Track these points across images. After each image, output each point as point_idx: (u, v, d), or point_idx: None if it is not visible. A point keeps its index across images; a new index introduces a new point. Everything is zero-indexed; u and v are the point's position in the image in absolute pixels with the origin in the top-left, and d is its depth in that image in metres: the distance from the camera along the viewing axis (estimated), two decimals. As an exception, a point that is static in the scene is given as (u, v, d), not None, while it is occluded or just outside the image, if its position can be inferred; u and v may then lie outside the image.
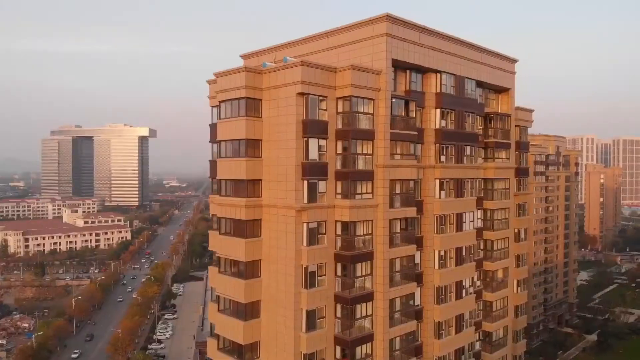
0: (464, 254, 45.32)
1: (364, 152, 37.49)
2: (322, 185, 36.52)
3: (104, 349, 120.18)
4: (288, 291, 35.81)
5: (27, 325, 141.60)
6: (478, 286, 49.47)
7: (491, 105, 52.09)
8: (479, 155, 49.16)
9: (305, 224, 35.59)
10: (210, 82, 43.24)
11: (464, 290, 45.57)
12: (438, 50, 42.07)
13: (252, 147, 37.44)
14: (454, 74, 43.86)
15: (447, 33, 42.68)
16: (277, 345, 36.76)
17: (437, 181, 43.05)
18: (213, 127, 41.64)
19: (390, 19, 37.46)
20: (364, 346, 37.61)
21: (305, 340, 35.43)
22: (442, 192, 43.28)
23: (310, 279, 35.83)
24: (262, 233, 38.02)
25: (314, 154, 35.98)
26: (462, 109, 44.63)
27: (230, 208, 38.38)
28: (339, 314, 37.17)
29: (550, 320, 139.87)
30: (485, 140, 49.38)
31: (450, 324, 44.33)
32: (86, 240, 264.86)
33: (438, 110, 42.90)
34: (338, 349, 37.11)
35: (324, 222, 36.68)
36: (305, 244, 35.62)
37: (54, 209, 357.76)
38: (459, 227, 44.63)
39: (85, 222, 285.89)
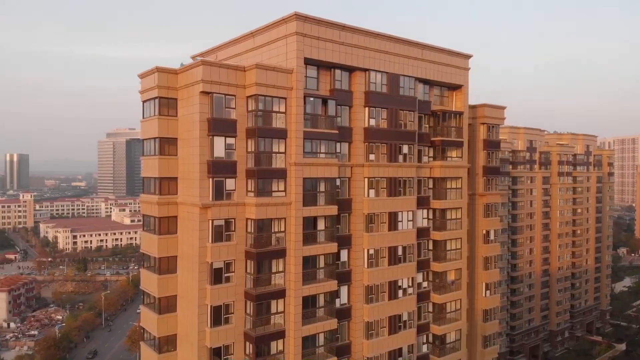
0: (399, 253, 44.56)
1: (277, 150, 37.74)
2: (230, 183, 37.05)
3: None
4: (194, 287, 36.64)
5: (60, 317, 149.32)
6: (424, 287, 48.39)
7: (446, 103, 50.84)
8: (425, 154, 48.16)
9: (210, 221, 36.25)
10: (141, 84, 44.70)
11: (400, 291, 44.80)
12: (364, 49, 41.64)
13: (167, 145, 38.58)
14: (387, 72, 43.26)
15: (376, 30, 42.17)
16: (188, 340, 37.64)
17: (366, 180, 42.59)
18: (142, 127, 42.98)
19: (300, 17, 37.53)
20: (276, 342, 37.95)
21: (209, 335, 36.12)
22: (372, 191, 42.78)
23: (216, 276, 36.44)
24: (178, 230, 39.02)
25: (220, 152, 36.59)
26: (397, 107, 43.94)
27: (148, 205, 39.69)
28: (249, 311, 37.58)
29: (578, 328, 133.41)
30: (431, 139, 48.25)
31: (383, 325, 43.71)
32: (131, 238, 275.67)
33: (367, 109, 42.46)
34: (249, 344, 37.52)
35: (233, 220, 37.20)
36: (210, 240, 36.29)
37: (106, 208, 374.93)
38: (393, 226, 43.92)
39: (132, 221, 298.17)
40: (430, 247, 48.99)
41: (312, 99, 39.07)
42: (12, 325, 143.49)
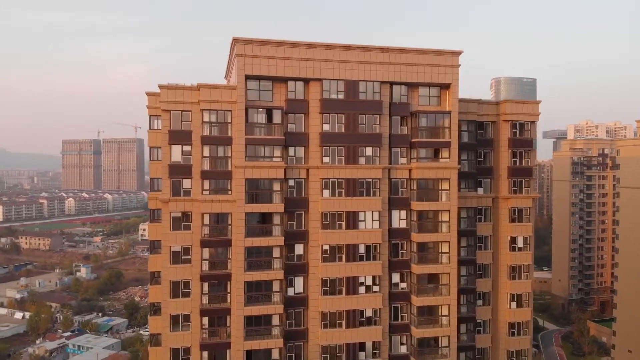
0: (361, 251, 46.53)
1: (225, 155, 44.75)
2: (187, 183, 45.40)
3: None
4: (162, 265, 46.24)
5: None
6: (402, 288, 48.68)
7: (435, 102, 49.79)
8: (404, 155, 48.49)
9: (169, 213, 45.16)
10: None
11: (362, 287, 46.71)
12: (314, 60, 45.22)
13: (156, 152, 48.58)
14: (344, 79, 45.93)
15: (327, 42, 45.38)
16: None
17: (322, 180, 46.05)
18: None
19: (240, 41, 43.71)
20: (223, 318, 45.02)
21: (168, 304, 45.12)
22: (327, 191, 46.07)
23: (173, 257, 45.20)
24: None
25: (177, 158, 45.25)
26: (356, 112, 46.16)
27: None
28: (203, 289, 45.30)
29: None
30: (411, 140, 48.29)
31: (341, 318, 46.40)
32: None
33: (322, 115, 45.95)
34: (200, 316, 45.26)
35: (190, 213, 45.43)
36: (169, 229, 45.20)
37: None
38: (352, 225, 46.22)
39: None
40: (415, 249, 48.89)
41: (259, 109, 44.81)
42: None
